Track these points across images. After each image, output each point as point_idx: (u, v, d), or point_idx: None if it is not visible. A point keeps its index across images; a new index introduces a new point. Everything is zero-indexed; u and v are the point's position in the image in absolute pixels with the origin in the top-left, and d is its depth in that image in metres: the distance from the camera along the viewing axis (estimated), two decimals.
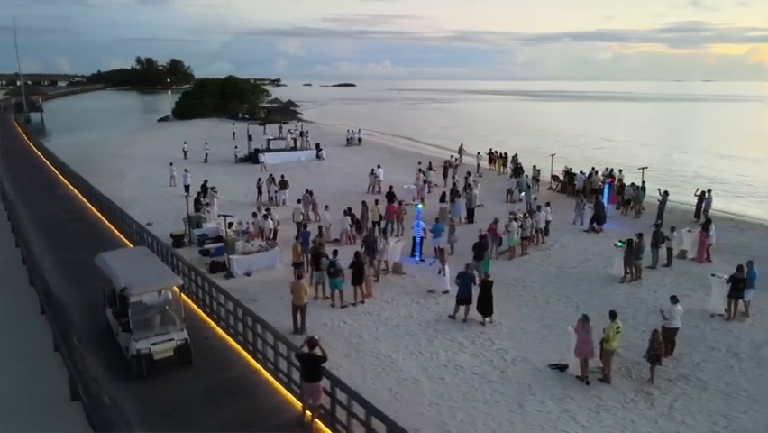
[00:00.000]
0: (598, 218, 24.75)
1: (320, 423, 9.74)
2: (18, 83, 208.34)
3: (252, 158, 42.42)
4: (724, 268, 19.98)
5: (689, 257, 21.46)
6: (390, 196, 26.12)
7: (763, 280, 16.56)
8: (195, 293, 15.62)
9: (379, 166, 33.36)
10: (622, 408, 11.97)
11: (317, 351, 9.50)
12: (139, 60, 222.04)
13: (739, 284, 15.91)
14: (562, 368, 13.39)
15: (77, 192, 29.54)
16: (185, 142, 44.96)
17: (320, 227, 21.32)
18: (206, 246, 20.18)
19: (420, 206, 21.71)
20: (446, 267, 17.64)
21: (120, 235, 22.20)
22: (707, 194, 25.97)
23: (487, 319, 15.78)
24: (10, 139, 45.09)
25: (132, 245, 20.15)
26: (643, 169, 28.85)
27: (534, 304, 17.41)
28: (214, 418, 10.31)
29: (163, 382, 11.52)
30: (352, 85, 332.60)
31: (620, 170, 31.18)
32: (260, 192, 30.09)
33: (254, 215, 22.09)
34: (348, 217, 22.44)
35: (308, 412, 9.46)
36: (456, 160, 40.75)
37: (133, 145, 51.81)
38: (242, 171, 39.52)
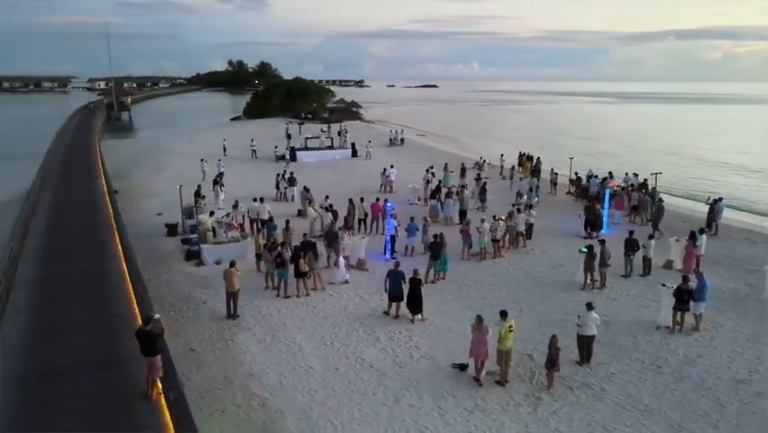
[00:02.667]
0: (592, 224, 23.90)
1: (161, 395, 10.43)
2: (125, 85, 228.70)
3: (290, 156, 44.14)
4: (716, 281, 18.94)
5: (675, 267, 20.34)
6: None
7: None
8: None
9: (392, 166, 33.82)
10: (501, 410, 11.90)
11: (154, 327, 10.32)
12: (230, 63, 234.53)
13: (684, 296, 15.08)
14: (462, 368, 13.43)
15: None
16: (224, 139, 47.52)
17: (311, 223, 22.27)
18: (188, 236, 21.63)
19: (390, 203, 22.00)
20: (341, 258, 18.36)
21: None
22: (716, 203, 24.31)
23: (417, 317, 15.98)
24: (83, 138, 49.63)
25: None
26: (656, 174, 27.39)
27: (478, 306, 17.24)
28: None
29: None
30: (435, 86, 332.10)
31: (635, 175, 29.70)
32: (277, 187, 31.54)
33: (234, 207, 23.39)
34: (329, 213, 23.17)
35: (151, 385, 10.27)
36: (485, 162, 40.40)
37: (192, 142, 55.30)
38: (277, 168, 41.29)
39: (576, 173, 31.66)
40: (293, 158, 43.65)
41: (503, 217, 22.34)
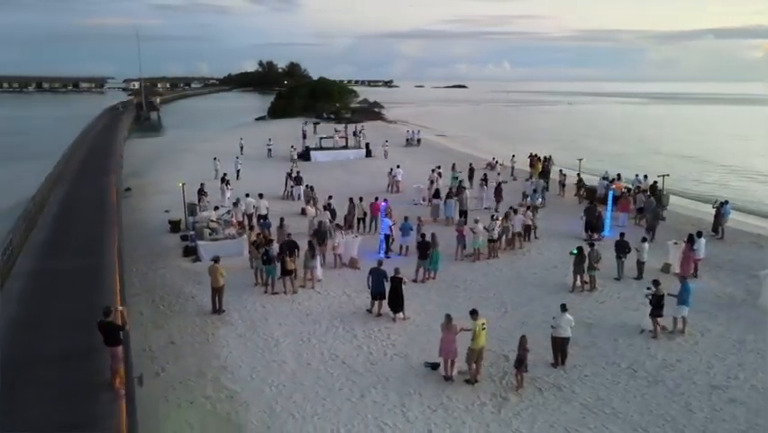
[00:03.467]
0: (592, 226, 23.59)
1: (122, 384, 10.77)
2: (159, 85, 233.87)
3: (304, 155, 44.65)
4: (713, 285, 18.68)
5: (673, 271, 19.95)
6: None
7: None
8: None
9: (398, 166, 33.95)
10: (465, 409, 11.93)
11: (115, 319, 10.68)
12: (261, 64, 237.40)
13: (660, 301, 14.85)
14: (434, 367, 13.48)
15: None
16: (241, 138, 48.33)
17: (310, 221, 22.54)
18: (187, 233, 22.15)
19: (383, 203, 22.10)
20: (317, 259, 18.59)
21: None
22: (722, 206, 23.72)
23: (398, 315, 16.08)
24: (106, 137, 51.06)
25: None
26: (663, 176, 26.84)
27: (464, 306, 17.10)
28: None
29: None
30: (464, 87, 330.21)
31: (645, 177, 29.15)
32: (286, 186, 32.00)
33: (235, 205, 23.84)
34: (327, 212, 23.43)
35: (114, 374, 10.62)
36: (497, 162, 40.13)
37: (212, 141, 56.21)
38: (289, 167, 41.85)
39: (578, 174, 31.27)
40: (306, 157, 44.12)
41: (499, 218, 22.24)
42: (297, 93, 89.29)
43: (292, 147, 43.46)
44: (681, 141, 67.94)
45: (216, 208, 22.59)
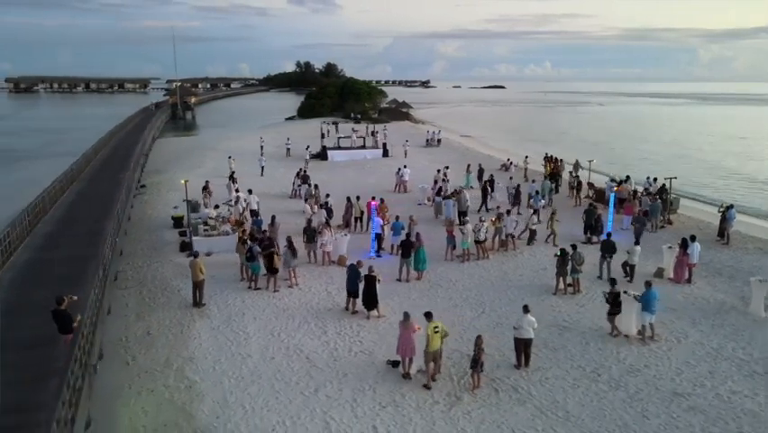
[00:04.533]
0: (591, 228, 23.18)
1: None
2: (200, 86, 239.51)
3: (322, 155, 45.19)
4: (706, 291, 18.16)
5: (666, 276, 19.49)
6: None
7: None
8: None
9: (405, 166, 34.08)
10: (415, 407, 12.00)
11: (68, 307, 11.18)
12: (298, 64, 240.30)
13: (616, 300, 14.86)
14: (395, 364, 13.57)
15: None
16: (261, 138, 49.26)
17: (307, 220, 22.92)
18: (184, 228, 22.82)
19: (372, 202, 22.23)
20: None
21: None
22: (727, 211, 22.96)
23: (372, 313, 16.23)
24: (134, 136, 52.72)
25: None
26: (670, 179, 26.14)
27: (441, 306, 17.21)
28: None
29: None
30: (502, 87, 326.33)
31: (654, 179, 28.41)
32: (293, 185, 32.54)
33: (235, 203, 24.40)
34: (324, 211, 23.76)
35: None
36: (512, 163, 39.84)
37: (238, 140, 57.49)
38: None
39: (577, 176, 30.84)
40: (324, 157, 44.65)
41: (492, 219, 22.14)
42: (326, 93, 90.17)
43: (307, 147, 44.04)
44: (718, 142, 65.75)
45: (217, 207, 23.12)
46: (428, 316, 12.93)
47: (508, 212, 22.57)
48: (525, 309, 13.56)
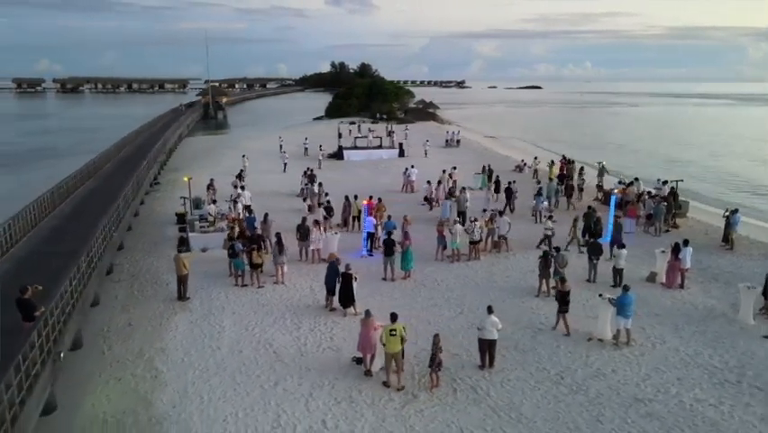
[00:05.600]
0: (590, 231, 22.76)
1: None
2: (236, 86, 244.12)
3: (337, 155, 45.63)
4: (697, 297, 17.77)
5: (659, 281, 19.08)
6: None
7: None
8: None
9: (412, 166, 34.16)
10: (369, 403, 12.13)
11: (32, 297, 11.70)
12: (333, 65, 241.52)
13: (564, 298, 15.03)
14: (359, 361, 13.72)
15: None
16: (280, 137, 50.01)
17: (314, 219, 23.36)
18: (183, 225, 23.48)
19: (364, 202, 22.39)
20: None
21: None
22: (732, 215, 22.25)
23: (349, 310, 16.41)
24: (158, 134, 54.11)
25: None
26: (676, 181, 25.47)
27: (421, 305, 17.36)
28: None
29: None
30: (539, 87, 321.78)
31: (665, 182, 27.67)
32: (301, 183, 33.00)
33: (234, 201, 24.95)
34: (322, 209, 24.07)
35: None
36: (526, 165, 39.45)
37: (257, 139, 58.50)
38: (323, 165, 42.91)
39: (580, 177, 30.39)
40: (340, 156, 45.06)
41: (485, 219, 22.04)
42: (353, 93, 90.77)
43: (320, 147, 44.51)
44: (752, 146, 63.48)
45: (214, 202, 23.71)
46: (393, 317, 12.98)
47: (500, 213, 22.39)
48: (489, 310, 13.52)
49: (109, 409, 11.89)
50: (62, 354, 11.91)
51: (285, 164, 40.47)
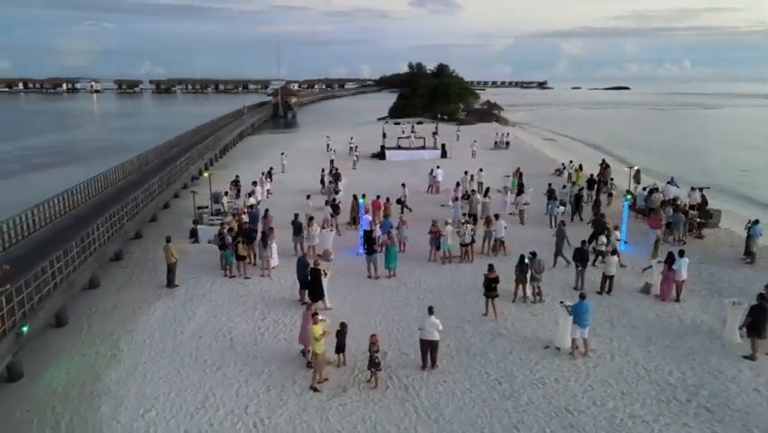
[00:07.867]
0: (597, 238, 21.86)
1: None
2: (316, 86, 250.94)
3: (380, 155, 46.16)
4: (689, 311, 16.84)
5: (653, 293, 18.12)
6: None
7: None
8: None
9: (438, 167, 33.97)
10: (296, 394, 12.51)
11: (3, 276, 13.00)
12: (410, 65, 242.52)
13: (491, 284, 15.84)
14: (304, 353, 14.15)
15: None
16: (327, 136, 51.18)
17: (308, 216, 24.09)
18: (195, 218, 24.83)
19: (362, 200, 22.63)
20: (273, 245, 19.66)
21: None
22: (753, 226, 20.62)
23: (318, 305, 16.71)
24: (213, 132, 57.01)
25: None
26: (701, 189, 23.85)
27: (392, 303, 17.47)
28: None
29: None
30: (626, 88, 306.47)
31: (701, 189, 25.83)
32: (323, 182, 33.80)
33: (249, 195, 26.06)
34: (329, 207, 24.67)
35: None
36: (564, 168, 38.18)
37: (310, 139, 60.15)
38: (370, 165, 43.61)
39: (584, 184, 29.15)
40: (382, 156, 45.55)
41: (470, 222, 21.78)
42: (417, 94, 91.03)
43: (355, 147, 44.96)
44: None
45: (226, 194, 25.01)
46: (314, 319, 13.20)
47: (497, 216, 21.99)
48: (430, 311, 13.54)
49: (63, 381, 13.03)
50: (25, 329, 13.15)
51: (353, 161, 42.31)
